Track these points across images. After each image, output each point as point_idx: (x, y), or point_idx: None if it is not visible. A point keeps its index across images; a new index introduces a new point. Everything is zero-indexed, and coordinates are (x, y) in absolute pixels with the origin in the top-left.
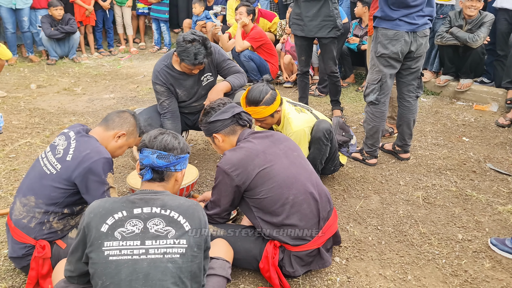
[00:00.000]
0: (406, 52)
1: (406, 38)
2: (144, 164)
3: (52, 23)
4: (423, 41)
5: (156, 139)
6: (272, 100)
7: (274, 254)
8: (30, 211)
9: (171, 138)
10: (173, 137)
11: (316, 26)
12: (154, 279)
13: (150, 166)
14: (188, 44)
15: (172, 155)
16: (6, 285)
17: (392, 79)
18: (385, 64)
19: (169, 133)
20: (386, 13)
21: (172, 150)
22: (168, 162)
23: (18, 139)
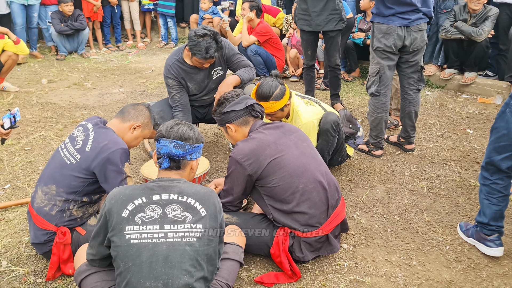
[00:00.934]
0: (400, 46)
1: (399, 32)
2: (162, 153)
3: (62, 19)
4: (417, 35)
5: (173, 129)
6: (281, 95)
7: (284, 240)
8: (52, 199)
9: (187, 128)
10: (188, 128)
11: (324, 20)
12: (173, 261)
13: (168, 155)
14: (199, 38)
15: (188, 144)
16: (29, 270)
17: (391, 71)
18: (382, 57)
19: (184, 124)
20: (380, 10)
21: (188, 139)
22: (185, 151)
23: (33, 132)
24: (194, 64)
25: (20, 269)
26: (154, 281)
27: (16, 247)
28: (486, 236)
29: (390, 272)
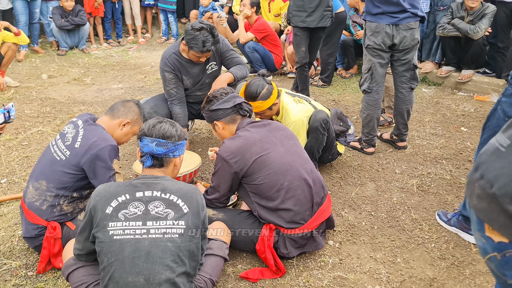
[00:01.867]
0: (389, 44)
1: (388, 31)
2: (144, 151)
3: (62, 14)
4: (407, 34)
5: (155, 127)
6: (268, 94)
7: (269, 236)
8: (42, 195)
9: (169, 126)
10: (170, 125)
11: (319, 17)
12: (155, 257)
13: (150, 153)
14: (196, 32)
15: (170, 142)
16: (21, 263)
17: (383, 68)
18: (373, 54)
19: (166, 122)
20: (368, 8)
21: (170, 137)
22: (167, 149)
23: (30, 127)
24: (190, 58)
25: (12, 262)
26: (136, 276)
27: (9, 241)
28: (469, 227)
29: (374, 269)
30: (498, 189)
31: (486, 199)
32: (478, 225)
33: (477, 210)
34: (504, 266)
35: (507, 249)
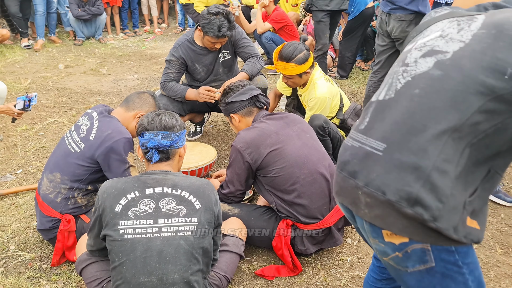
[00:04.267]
0: (385, 30)
1: (382, 17)
2: (149, 147)
3: (79, 4)
4: (396, 25)
5: (154, 120)
6: (303, 60)
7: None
8: (56, 187)
9: (168, 117)
10: (169, 116)
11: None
12: (167, 256)
13: (156, 147)
14: (212, 16)
15: (174, 133)
16: (35, 255)
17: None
18: (378, 36)
19: (165, 113)
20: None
21: (172, 128)
22: (172, 140)
23: (47, 117)
24: (205, 44)
25: (27, 254)
26: (148, 276)
27: (24, 232)
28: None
29: None
30: (392, 195)
31: (379, 206)
32: (374, 233)
33: (371, 218)
34: (406, 260)
35: (408, 246)
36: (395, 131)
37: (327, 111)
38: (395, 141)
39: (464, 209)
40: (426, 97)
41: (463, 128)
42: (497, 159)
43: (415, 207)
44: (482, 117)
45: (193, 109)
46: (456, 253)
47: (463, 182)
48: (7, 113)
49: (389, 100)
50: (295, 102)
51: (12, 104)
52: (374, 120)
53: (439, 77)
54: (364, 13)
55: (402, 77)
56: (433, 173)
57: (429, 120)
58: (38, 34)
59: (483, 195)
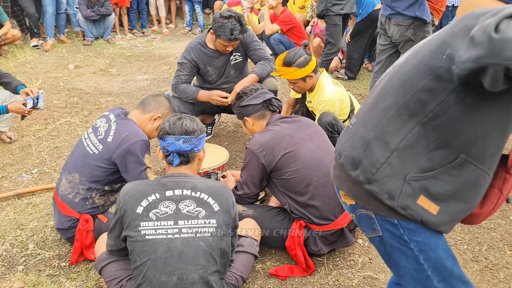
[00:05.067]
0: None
1: (382, 20)
2: (170, 150)
3: (88, 5)
4: (396, 29)
5: (176, 125)
6: (304, 63)
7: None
8: (75, 188)
9: (189, 121)
10: (190, 120)
11: (352, 3)
12: (187, 256)
13: (177, 151)
14: (224, 20)
15: (194, 137)
16: (54, 254)
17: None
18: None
19: (185, 117)
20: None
21: (193, 132)
22: (192, 145)
23: (59, 118)
24: (217, 47)
25: (45, 253)
26: (169, 275)
27: (42, 231)
28: None
29: None
30: (344, 158)
31: (337, 167)
32: (337, 193)
33: (334, 178)
34: (359, 223)
35: (357, 210)
36: (363, 109)
37: (336, 114)
38: (360, 116)
39: (407, 183)
40: (387, 81)
41: (409, 104)
42: (469, 148)
43: (356, 170)
44: (425, 95)
45: (204, 111)
46: (400, 227)
47: (409, 156)
48: (19, 111)
49: (375, 86)
50: (303, 109)
51: (22, 103)
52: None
53: (401, 64)
54: (372, 15)
55: (392, 68)
56: (373, 141)
57: (381, 98)
58: (48, 34)
59: (449, 181)
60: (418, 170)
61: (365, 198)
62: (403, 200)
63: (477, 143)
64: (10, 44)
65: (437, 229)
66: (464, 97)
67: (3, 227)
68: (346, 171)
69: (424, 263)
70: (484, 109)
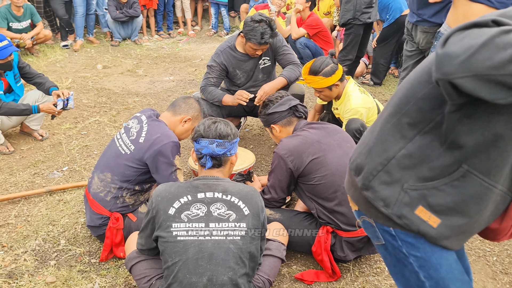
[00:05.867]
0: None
1: (408, 26)
2: (203, 153)
3: (117, 6)
4: (422, 36)
5: (210, 128)
6: (331, 72)
7: (326, 239)
8: (107, 186)
9: (224, 125)
10: (225, 124)
11: (377, 10)
12: (217, 259)
13: (210, 155)
14: (255, 23)
15: (227, 141)
16: (84, 250)
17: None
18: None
19: (220, 121)
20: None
21: (227, 136)
22: (225, 149)
23: (88, 117)
24: (247, 51)
25: (76, 249)
26: (199, 276)
27: (73, 228)
28: None
29: None
30: (351, 164)
31: (347, 173)
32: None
33: (345, 183)
34: (365, 230)
35: (360, 216)
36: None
37: (365, 120)
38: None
39: (404, 191)
40: (396, 90)
41: (409, 113)
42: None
43: (359, 176)
44: (426, 104)
45: (231, 113)
46: (398, 239)
47: (408, 165)
48: (49, 112)
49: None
50: (329, 116)
51: (52, 104)
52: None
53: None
54: (399, 21)
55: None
56: (374, 148)
57: (387, 106)
58: (78, 34)
59: (450, 193)
60: (417, 179)
61: (365, 205)
62: (398, 209)
63: (481, 154)
64: (42, 43)
65: (438, 244)
66: (460, 105)
67: (36, 222)
68: (351, 176)
69: (425, 281)
70: (483, 118)
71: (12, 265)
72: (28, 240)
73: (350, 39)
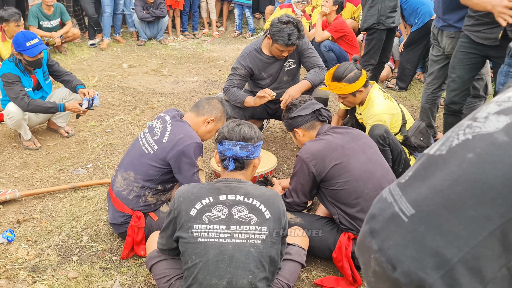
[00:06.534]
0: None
1: (434, 31)
2: (226, 155)
3: (144, 6)
4: (448, 41)
5: (234, 130)
6: (354, 79)
7: (347, 245)
8: (130, 185)
9: (248, 128)
10: (248, 127)
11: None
12: (238, 262)
13: (233, 157)
14: (283, 25)
15: (251, 144)
16: (106, 247)
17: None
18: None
19: (244, 124)
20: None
21: (250, 139)
22: (249, 152)
23: (113, 115)
24: (273, 52)
25: (98, 246)
26: (219, 279)
27: (96, 225)
28: None
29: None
30: (402, 275)
31: (386, 282)
32: None
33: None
34: None
35: None
36: (429, 198)
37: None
38: (425, 210)
39: None
40: (476, 167)
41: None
42: None
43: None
44: None
45: (254, 115)
46: None
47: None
48: (74, 110)
49: (438, 156)
50: (352, 121)
51: (78, 103)
52: (415, 177)
53: (502, 145)
54: (428, 25)
55: (463, 132)
56: (459, 267)
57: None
58: (105, 33)
59: None
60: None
61: None
62: None
63: None
64: (70, 42)
65: None
66: None
67: (60, 218)
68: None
69: None
70: None
71: (36, 259)
72: (52, 235)
73: (373, 44)
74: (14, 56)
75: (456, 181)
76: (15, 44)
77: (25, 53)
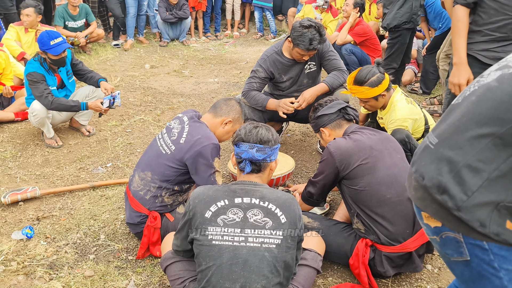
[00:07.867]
0: None
1: None
2: (243, 158)
3: (167, 7)
4: None
5: (251, 132)
6: (377, 83)
7: (365, 252)
8: (147, 185)
9: (265, 131)
10: (266, 130)
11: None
12: (252, 266)
13: (250, 159)
14: (304, 29)
15: (268, 147)
16: (122, 246)
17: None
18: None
19: (262, 126)
20: None
21: (267, 142)
22: (265, 154)
23: (134, 115)
24: (293, 56)
25: (115, 245)
26: (232, 282)
27: (113, 224)
28: None
29: None
30: (428, 181)
31: (420, 189)
32: (418, 214)
33: (415, 199)
34: (443, 246)
35: (442, 232)
36: (447, 130)
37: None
38: (444, 137)
39: (498, 210)
40: (476, 104)
41: (505, 136)
42: None
43: (443, 194)
44: None
45: (273, 118)
46: (490, 252)
47: (501, 185)
48: (96, 109)
49: (456, 104)
50: (374, 125)
51: (100, 101)
52: (441, 120)
53: (493, 88)
54: None
55: (473, 85)
56: (464, 169)
57: (472, 123)
58: (128, 34)
59: None
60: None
61: (456, 222)
62: (494, 227)
63: None
64: (94, 42)
65: None
66: None
67: (78, 216)
68: (431, 194)
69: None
70: None
71: (54, 256)
72: (70, 233)
73: (397, 46)
74: (39, 55)
75: (463, 115)
76: (39, 43)
77: (50, 51)
